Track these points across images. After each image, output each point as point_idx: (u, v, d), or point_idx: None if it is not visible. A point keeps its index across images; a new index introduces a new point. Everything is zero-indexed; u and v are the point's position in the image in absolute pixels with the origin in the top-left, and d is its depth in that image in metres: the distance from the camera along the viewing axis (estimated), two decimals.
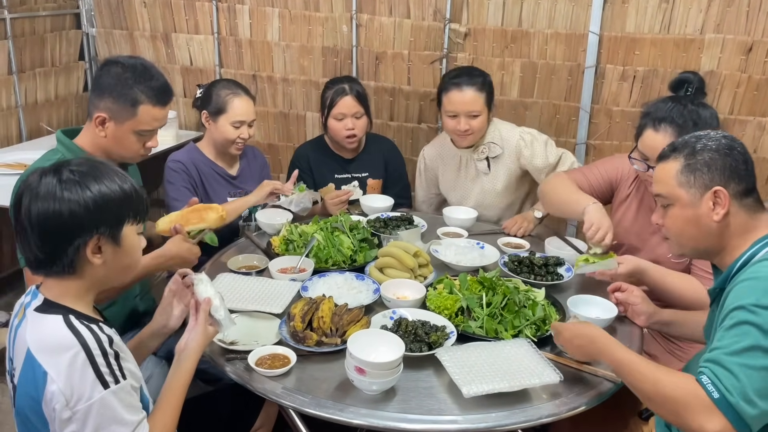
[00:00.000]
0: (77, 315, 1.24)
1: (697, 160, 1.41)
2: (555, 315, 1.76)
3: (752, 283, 1.29)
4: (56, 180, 1.22)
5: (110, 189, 1.24)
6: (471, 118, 2.45)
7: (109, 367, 1.20)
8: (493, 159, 2.55)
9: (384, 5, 3.20)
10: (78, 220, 1.21)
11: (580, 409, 1.46)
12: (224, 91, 2.40)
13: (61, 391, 1.17)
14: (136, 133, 1.81)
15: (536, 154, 2.50)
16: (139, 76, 1.79)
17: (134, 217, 1.30)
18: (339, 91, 2.60)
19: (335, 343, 1.60)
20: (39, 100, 3.50)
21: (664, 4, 2.78)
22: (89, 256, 1.24)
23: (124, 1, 3.61)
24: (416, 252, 1.98)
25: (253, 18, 3.42)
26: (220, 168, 2.48)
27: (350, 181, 2.73)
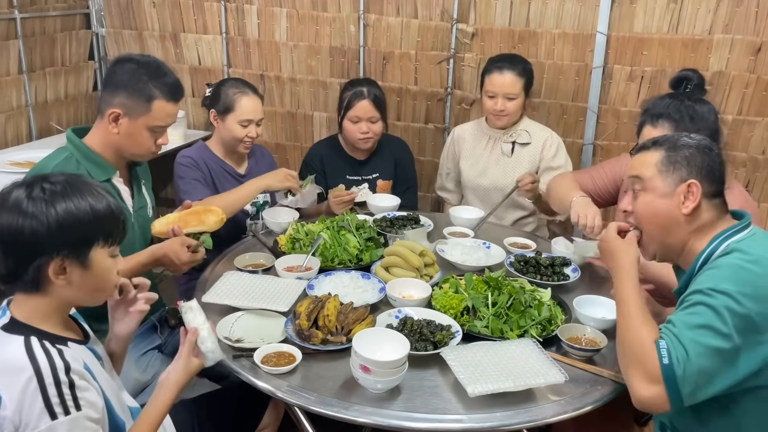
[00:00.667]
0: (41, 336, 1.20)
1: (678, 153, 1.47)
2: (561, 315, 1.76)
3: (711, 272, 1.37)
4: (26, 194, 1.18)
5: (78, 208, 1.19)
6: (508, 99, 2.61)
7: (61, 396, 1.15)
8: (520, 146, 2.70)
9: (391, 5, 3.20)
10: (39, 239, 1.17)
11: (585, 409, 1.46)
12: (232, 89, 2.41)
13: (11, 419, 1.14)
14: (150, 129, 1.83)
15: (559, 155, 2.69)
16: (153, 72, 1.81)
17: (105, 239, 1.24)
18: (357, 93, 2.61)
19: (340, 342, 1.60)
20: (49, 99, 3.52)
21: (673, 4, 2.77)
22: (52, 276, 1.20)
23: (133, 2, 3.63)
24: (422, 251, 1.98)
25: (261, 18, 3.44)
26: (229, 166, 2.49)
27: (361, 183, 2.74)
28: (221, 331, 1.66)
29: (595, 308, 1.77)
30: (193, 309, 1.47)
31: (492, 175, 2.74)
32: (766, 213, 2.86)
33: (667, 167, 1.47)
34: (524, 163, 2.70)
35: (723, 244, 1.41)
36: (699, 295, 1.34)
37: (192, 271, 2.28)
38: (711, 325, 1.30)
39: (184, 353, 1.42)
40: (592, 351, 1.61)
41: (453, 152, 2.87)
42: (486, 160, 2.76)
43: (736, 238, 1.42)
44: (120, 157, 1.85)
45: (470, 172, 2.79)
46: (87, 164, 1.77)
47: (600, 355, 1.63)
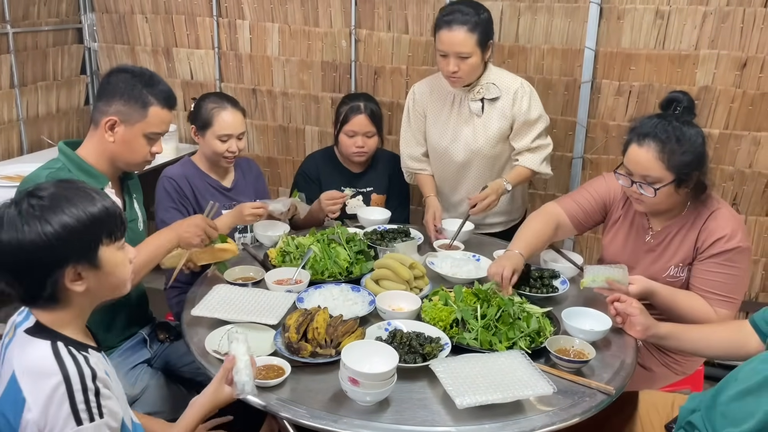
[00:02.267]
0: (66, 342, 1.23)
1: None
2: (549, 327, 1.77)
3: None
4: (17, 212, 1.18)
5: (74, 217, 1.19)
6: (460, 59, 2.34)
7: (87, 403, 1.17)
8: (489, 101, 2.46)
9: (383, 21, 3.24)
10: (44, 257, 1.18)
11: (573, 420, 1.46)
12: (210, 104, 2.39)
13: (35, 422, 1.16)
14: (145, 136, 1.85)
15: (533, 105, 2.46)
16: (147, 81, 1.85)
17: (109, 236, 1.25)
18: (354, 108, 2.63)
19: (330, 354, 1.60)
20: (40, 113, 3.53)
21: (659, 21, 2.81)
22: (69, 285, 1.22)
23: (125, 16, 3.65)
24: (412, 264, 1.99)
25: (254, 33, 3.46)
26: (214, 180, 2.48)
27: (355, 195, 2.75)
28: (210, 344, 1.66)
29: (584, 320, 1.78)
30: (239, 340, 1.48)
31: (464, 141, 2.52)
32: (753, 225, 2.89)
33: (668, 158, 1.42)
34: (497, 120, 2.47)
35: None
36: None
37: (182, 284, 2.30)
38: None
39: (217, 378, 1.45)
40: (581, 363, 1.62)
41: (418, 113, 2.63)
42: (455, 125, 2.53)
43: None
44: (114, 167, 1.87)
45: (440, 139, 2.57)
46: (79, 175, 1.78)
47: (588, 367, 1.64)
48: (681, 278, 1.97)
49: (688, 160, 1.83)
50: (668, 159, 1.82)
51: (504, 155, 2.59)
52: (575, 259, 2.19)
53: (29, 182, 1.76)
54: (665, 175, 1.84)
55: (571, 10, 2.92)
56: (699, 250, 1.92)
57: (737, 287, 1.88)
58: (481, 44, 2.37)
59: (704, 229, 1.91)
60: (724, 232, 1.87)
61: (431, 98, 2.61)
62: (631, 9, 2.83)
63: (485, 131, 2.50)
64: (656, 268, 1.99)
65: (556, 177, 3.14)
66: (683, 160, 1.83)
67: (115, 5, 3.67)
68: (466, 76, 2.40)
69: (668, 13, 2.78)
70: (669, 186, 1.85)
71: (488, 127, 2.50)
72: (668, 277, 1.97)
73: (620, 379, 1.61)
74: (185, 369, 2.01)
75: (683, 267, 1.97)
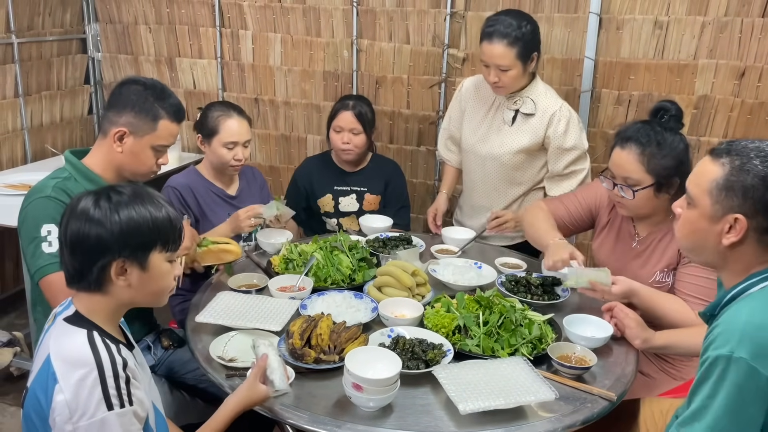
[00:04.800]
0: (101, 332, 1.29)
1: (738, 180, 1.29)
2: (551, 334, 1.78)
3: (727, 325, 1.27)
4: (92, 201, 1.28)
5: (139, 215, 1.28)
6: (501, 71, 2.35)
7: (118, 390, 1.23)
8: (523, 115, 2.46)
9: (384, 31, 3.27)
10: (102, 242, 1.26)
11: (575, 427, 1.47)
12: (216, 112, 2.42)
13: (67, 404, 1.20)
14: (153, 148, 1.88)
15: (570, 132, 2.41)
16: (158, 94, 1.88)
17: (163, 245, 1.32)
18: (343, 105, 2.71)
19: (333, 361, 1.61)
20: (44, 122, 3.55)
21: (658, 31, 2.84)
22: (113, 277, 1.28)
23: (129, 27, 3.69)
24: (414, 271, 2.01)
25: (256, 43, 3.49)
26: (219, 189, 2.50)
27: (349, 193, 2.78)
28: (214, 350, 1.67)
29: (585, 327, 1.79)
30: (265, 344, 1.53)
31: (491, 143, 2.53)
32: None
33: (719, 191, 1.31)
34: (525, 136, 2.46)
35: (759, 285, 1.31)
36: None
37: (185, 292, 2.31)
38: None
39: (252, 377, 1.48)
40: (582, 369, 1.63)
41: (460, 106, 2.67)
42: (487, 127, 2.55)
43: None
44: (120, 177, 1.88)
45: (471, 137, 2.60)
46: (86, 184, 1.80)
47: (590, 373, 1.65)
48: (667, 283, 2.00)
49: (668, 164, 1.88)
50: (648, 162, 1.88)
51: (527, 170, 2.56)
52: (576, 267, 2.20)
53: (37, 192, 1.78)
54: (645, 178, 1.89)
55: (570, 21, 2.96)
56: (682, 255, 1.95)
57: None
58: (522, 57, 2.35)
59: None
60: None
61: (474, 96, 2.62)
62: (630, 19, 2.86)
63: (510, 142, 2.50)
64: (643, 273, 2.01)
65: None
66: (663, 164, 1.88)
67: (119, 16, 3.70)
68: (507, 86, 2.41)
69: (667, 24, 2.81)
70: (648, 189, 1.90)
71: (514, 139, 2.49)
72: (655, 282, 2.00)
73: (621, 386, 1.62)
74: (189, 376, 2.02)
75: (668, 272, 2.00)
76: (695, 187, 1.36)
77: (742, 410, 1.22)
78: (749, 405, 1.22)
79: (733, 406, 1.22)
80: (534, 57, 2.40)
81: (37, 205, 1.74)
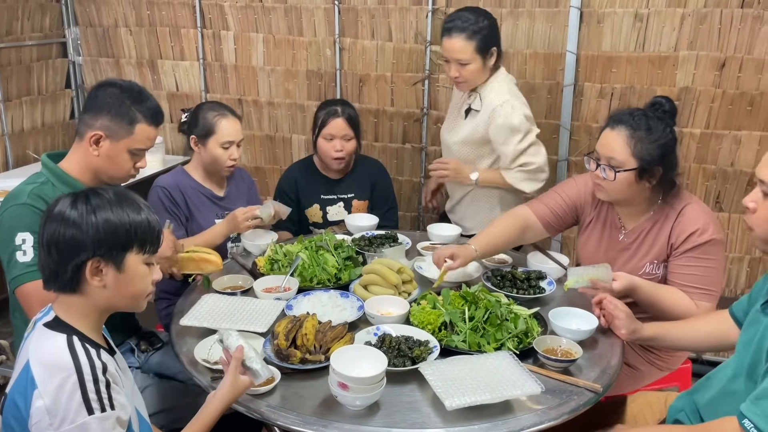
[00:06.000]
0: (81, 337, 1.28)
1: None
2: (537, 328, 1.78)
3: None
4: (70, 203, 1.29)
5: (117, 217, 1.28)
6: (460, 65, 2.41)
7: (98, 394, 1.22)
8: (473, 111, 2.53)
9: (366, 29, 3.26)
10: (77, 241, 1.26)
11: (561, 419, 1.48)
12: (211, 113, 2.42)
13: (47, 409, 1.19)
14: (130, 151, 1.86)
15: (507, 127, 2.42)
16: (135, 96, 1.85)
17: (140, 247, 1.32)
18: (331, 112, 2.65)
19: (319, 360, 1.61)
20: (26, 128, 3.52)
21: (638, 23, 2.85)
22: (88, 276, 1.28)
23: (109, 29, 3.66)
24: (400, 268, 2.00)
25: (238, 43, 3.48)
26: (207, 190, 2.49)
27: (336, 202, 2.76)
28: (199, 353, 1.66)
29: (571, 320, 1.80)
30: (232, 335, 1.51)
31: (449, 133, 2.66)
32: (736, 223, 2.93)
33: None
34: (467, 129, 2.54)
35: None
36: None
37: (171, 296, 2.30)
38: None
39: (232, 370, 1.45)
40: (568, 362, 1.64)
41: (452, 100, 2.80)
42: (453, 118, 2.67)
43: None
44: (97, 180, 1.86)
45: (444, 124, 2.75)
46: (63, 188, 1.78)
47: (575, 366, 1.66)
48: (657, 275, 2.00)
49: (654, 151, 1.88)
50: (635, 145, 1.88)
51: (475, 163, 2.61)
52: (561, 260, 2.21)
53: (12, 199, 1.76)
54: (628, 161, 1.89)
55: (551, 15, 2.96)
56: (673, 246, 1.96)
57: (715, 279, 1.91)
58: (481, 51, 2.40)
59: (677, 225, 1.94)
60: (696, 227, 1.91)
61: (455, 95, 2.73)
62: (610, 13, 2.87)
63: (457, 134, 2.61)
64: (631, 266, 2.02)
65: None
66: (649, 150, 1.88)
67: (99, 19, 3.67)
68: (467, 80, 2.46)
69: (647, 16, 2.83)
70: (630, 173, 1.90)
71: (460, 131, 2.59)
72: (644, 274, 2.00)
73: (607, 377, 1.63)
74: (181, 375, 2.00)
75: (658, 264, 2.00)
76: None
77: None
78: None
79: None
80: (493, 52, 2.45)
81: (12, 213, 1.72)
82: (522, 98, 2.52)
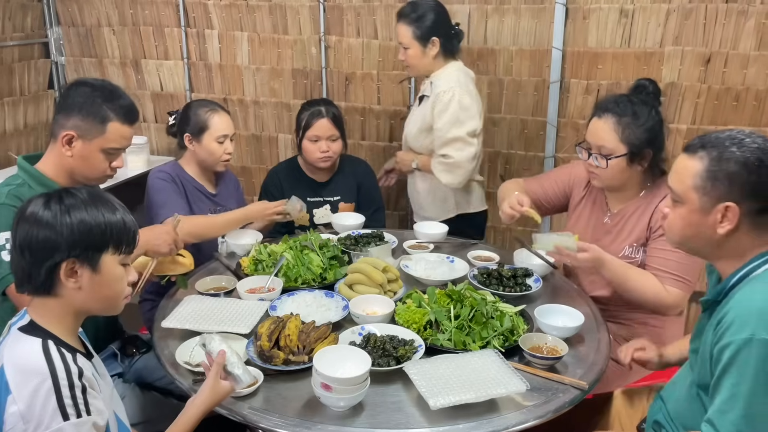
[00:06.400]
0: (56, 341, 1.25)
1: (720, 169, 1.32)
2: (523, 325, 1.77)
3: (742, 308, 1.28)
4: (42, 203, 1.26)
5: (92, 217, 1.26)
6: (404, 49, 2.57)
7: (74, 399, 1.20)
8: (425, 98, 2.61)
9: (352, 27, 3.24)
10: (51, 242, 1.23)
11: (547, 417, 1.47)
12: (202, 109, 2.43)
13: (21, 415, 1.17)
14: (104, 151, 1.82)
15: (443, 116, 2.49)
16: (108, 95, 1.82)
17: (116, 247, 1.30)
18: (315, 113, 2.61)
19: (303, 361, 1.59)
20: (8, 129, 3.47)
21: (624, 19, 2.84)
22: (63, 278, 1.25)
23: (92, 29, 3.62)
24: (385, 267, 1.98)
25: (223, 42, 3.45)
26: (202, 186, 2.49)
27: (322, 204, 2.73)
28: (181, 356, 1.63)
29: (556, 317, 1.79)
30: (215, 339, 1.48)
31: (410, 125, 2.71)
32: None
33: (705, 183, 1.33)
34: (419, 117, 2.63)
35: (764, 266, 1.34)
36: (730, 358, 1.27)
37: (156, 297, 2.27)
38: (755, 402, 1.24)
39: (212, 375, 1.43)
40: (554, 359, 1.62)
41: None
42: (413, 111, 2.75)
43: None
44: (73, 181, 1.83)
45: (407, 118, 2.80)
46: (39, 189, 1.74)
47: (562, 363, 1.65)
48: (636, 259, 2.03)
49: (642, 135, 1.93)
50: (623, 131, 1.94)
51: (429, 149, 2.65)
52: (547, 258, 2.19)
53: None
54: (618, 147, 1.94)
55: (537, 12, 2.95)
56: (652, 230, 1.99)
57: (690, 268, 1.90)
58: (419, 38, 2.53)
59: (658, 210, 1.96)
60: None
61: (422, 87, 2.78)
62: (596, 8, 2.86)
63: (411, 124, 2.69)
64: (613, 249, 2.04)
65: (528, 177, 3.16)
66: (637, 134, 1.93)
67: (82, 18, 3.63)
68: (411, 66, 2.61)
69: (632, 12, 2.82)
70: (621, 159, 1.95)
71: (414, 119, 2.67)
72: (624, 257, 2.03)
73: (593, 374, 1.62)
74: (159, 383, 1.98)
75: (638, 247, 2.03)
76: (679, 185, 1.39)
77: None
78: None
79: (763, 388, 1.23)
80: (435, 41, 2.55)
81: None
82: (471, 91, 2.57)
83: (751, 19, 2.67)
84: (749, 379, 1.23)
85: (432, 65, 2.59)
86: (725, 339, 1.28)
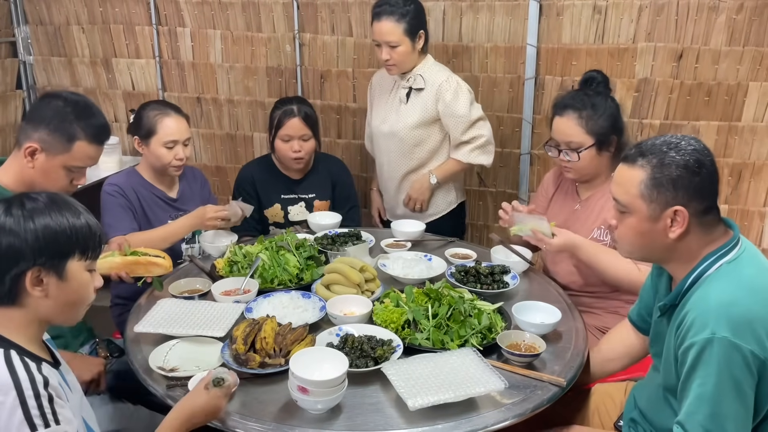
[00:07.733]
0: (19, 351, 1.21)
1: (663, 175, 1.35)
2: (501, 323, 1.77)
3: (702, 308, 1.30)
4: (3, 210, 1.22)
5: (56, 222, 1.23)
6: (391, 48, 2.50)
7: (41, 409, 1.17)
8: (415, 91, 2.59)
9: (326, 24, 3.21)
10: (15, 250, 1.20)
11: (525, 414, 1.46)
12: (152, 112, 2.32)
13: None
14: (66, 168, 1.79)
15: (460, 101, 2.54)
16: (80, 112, 1.78)
17: (82, 253, 1.27)
18: (287, 112, 2.57)
19: (279, 364, 1.57)
20: None
21: (597, 16, 2.86)
22: (29, 287, 1.22)
23: (61, 28, 3.54)
24: (362, 267, 1.97)
25: (195, 40, 3.39)
26: (160, 191, 2.41)
27: (297, 201, 2.70)
28: (154, 361, 1.60)
29: (534, 314, 1.79)
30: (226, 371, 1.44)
31: (390, 121, 2.65)
32: None
33: (650, 191, 1.36)
34: (416, 111, 2.58)
35: (715, 265, 1.36)
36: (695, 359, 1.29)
37: (126, 301, 2.23)
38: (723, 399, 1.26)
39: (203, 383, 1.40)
40: (532, 356, 1.62)
41: (370, 99, 2.83)
42: (388, 108, 2.69)
43: (727, 258, 1.36)
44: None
45: (375, 119, 2.75)
46: None
47: (540, 360, 1.65)
48: (605, 241, 2.07)
49: (604, 123, 2.05)
50: (586, 124, 2.05)
51: (426, 143, 2.66)
52: (525, 254, 2.20)
53: None
54: (586, 139, 2.06)
55: (511, 8, 2.95)
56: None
57: None
58: (409, 33, 2.50)
59: None
60: None
61: (379, 85, 2.77)
62: (569, 5, 2.87)
63: (405, 118, 2.62)
64: (583, 232, 2.09)
65: (504, 173, 3.18)
66: (600, 124, 2.05)
67: (50, 17, 3.55)
68: (398, 63, 2.55)
69: (605, 8, 2.83)
70: (591, 149, 2.06)
71: (409, 115, 2.61)
72: (593, 239, 2.08)
73: (572, 370, 1.62)
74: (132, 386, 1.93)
75: (605, 230, 2.08)
76: (624, 195, 1.41)
77: (737, 388, 1.25)
78: (742, 381, 1.25)
79: (728, 385, 1.25)
80: (421, 35, 2.55)
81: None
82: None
83: (722, 14, 2.70)
84: (713, 378, 1.26)
85: (417, 60, 2.59)
86: (687, 341, 1.31)
